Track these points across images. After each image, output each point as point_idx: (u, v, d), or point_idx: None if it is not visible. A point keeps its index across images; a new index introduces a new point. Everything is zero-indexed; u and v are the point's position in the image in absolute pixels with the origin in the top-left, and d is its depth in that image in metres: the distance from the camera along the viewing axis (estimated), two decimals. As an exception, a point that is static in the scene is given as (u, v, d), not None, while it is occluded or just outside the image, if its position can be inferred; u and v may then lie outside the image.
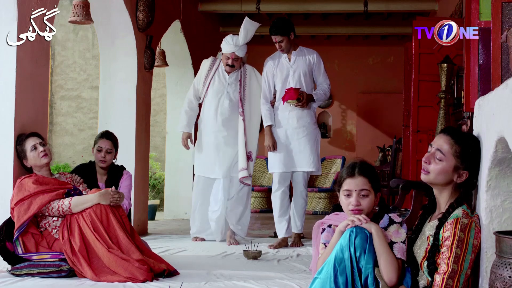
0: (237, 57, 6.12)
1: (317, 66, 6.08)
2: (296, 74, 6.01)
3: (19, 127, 4.38)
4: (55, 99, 11.49)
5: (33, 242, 4.13)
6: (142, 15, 6.81)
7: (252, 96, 6.23)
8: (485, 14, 3.65)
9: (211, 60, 6.32)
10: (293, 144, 5.97)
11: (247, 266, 4.73)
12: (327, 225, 3.13)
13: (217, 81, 6.20)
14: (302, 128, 5.97)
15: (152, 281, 3.95)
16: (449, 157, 2.81)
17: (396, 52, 11.80)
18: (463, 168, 2.81)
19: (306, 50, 6.12)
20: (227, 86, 6.18)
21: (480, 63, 3.44)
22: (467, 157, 2.81)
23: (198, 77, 6.33)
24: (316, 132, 6.08)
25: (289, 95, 5.82)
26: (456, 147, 2.81)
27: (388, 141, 11.26)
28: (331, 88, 6.18)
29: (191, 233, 6.40)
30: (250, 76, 6.26)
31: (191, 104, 6.31)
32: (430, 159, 2.87)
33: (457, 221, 2.68)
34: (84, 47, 11.59)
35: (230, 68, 6.16)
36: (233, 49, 6.08)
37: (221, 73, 6.22)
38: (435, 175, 2.84)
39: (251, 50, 10.84)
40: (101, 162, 5.11)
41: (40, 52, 4.67)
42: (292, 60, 6.05)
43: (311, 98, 5.96)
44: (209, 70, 6.25)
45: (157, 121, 11.29)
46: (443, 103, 6.32)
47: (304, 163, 5.96)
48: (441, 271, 2.65)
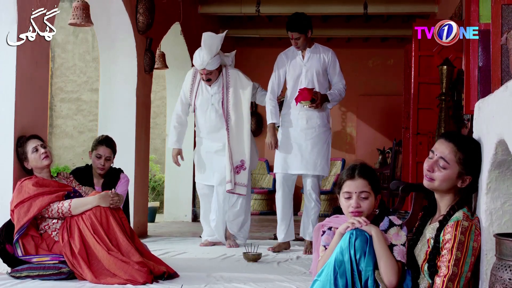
0: (209, 71, 5.96)
1: (332, 65, 5.85)
2: (309, 73, 5.80)
3: (19, 130, 4.37)
4: (55, 101, 11.49)
5: (33, 244, 4.13)
6: (142, 18, 6.81)
7: (238, 101, 6.05)
8: (485, 16, 3.66)
9: (192, 71, 6.21)
10: (301, 145, 5.75)
11: (247, 269, 4.72)
12: (327, 227, 3.13)
13: (201, 93, 6.12)
14: (312, 129, 5.77)
15: (152, 283, 3.94)
16: (453, 165, 2.81)
17: (396, 54, 11.79)
18: (466, 173, 2.81)
19: (321, 48, 5.92)
20: (211, 97, 6.07)
21: (480, 65, 3.44)
22: (470, 163, 2.81)
23: (184, 90, 6.22)
24: (327, 135, 5.86)
25: (302, 96, 5.58)
26: (459, 155, 2.81)
27: (388, 143, 11.26)
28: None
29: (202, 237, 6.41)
30: (234, 81, 6.08)
31: (179, 119, 6.20)
32: (434, 167, 2.85)
33: (457, 224, 2.68)
34: (84, 49, 11.59)
35: (208, 82, 6.05)
36: (203, 65, 5.92)
37: (204, 85, 6.11)
38: (440, 182, 2.84)
39: (250, 53, 10.81)
40: (100, 169, 5.16)
41: (40, 54, 4.67)
42: (306, 58, 5.84)
43: (326, 98, 5.74)
44: (192, 82, 6.16)
45: (157, 124, 11.29)
46: (443, 106, 6.32)
47: (310, 166, 5.73)
48: (442, 274, 2.65)
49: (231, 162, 5.92)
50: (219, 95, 6.06)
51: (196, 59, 5.94)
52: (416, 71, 7.16)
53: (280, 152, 5.85)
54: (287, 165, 5.80)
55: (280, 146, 5.86)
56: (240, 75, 6.14)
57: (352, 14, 10.22)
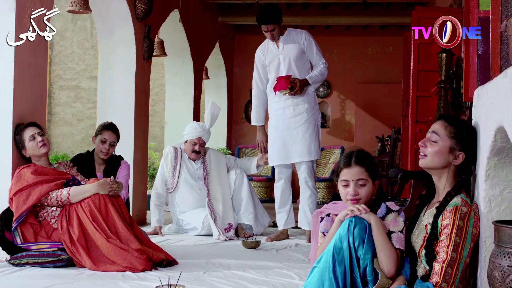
0: (204, 142, 6.16)
1: (308, 46, 5.77)
2: (286, 60, 5.73)
3: (17, 117, 4.37)
4: (54, 89, 11.47)
5: (31, 232, 4.13)
6: (140, 5, 6.78)
7: (219, 175, 6.19)
8: (485, 3, 3.64)
9: (173, 150, 6.26)
10: (291, 134, 5.69)
11: (245, 256, 4.73)
12: (325, 214, 3.13)
13: (186, 172, 6.21)
14: (300, 115, 5.69)
15: (151, 270, 3.95)
16: (444, 138, 2.86)
17: (395, 42, 11.77)
18: (459, 149, 2.84)
19: (294, 32, 5.82)
20: (196, 171, 6.24)
21: (479, 52, 3.43)
22: (461, 138, 2.85)
23: (163, 169, 6.24)
24: (316, 117, 5.77)
25: (279, 84, 5.54)
26: (450, 128, 2.86)
27: (387, 131, 11.27)
28: (329, 76, 5.87)
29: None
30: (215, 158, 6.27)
31: (160, 198, 6.18)
32: (426, 142, 2.91)
33: (456, 209, 2.69)
34: (82, 37, 11.57)
35: (196, 154, 6.17)
36: (201, 134, 6.12)
37: (188, 163, 6.24)
38: (432, 157, 2.88)
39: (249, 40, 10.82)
40: (103, 153, 5.23)
41: (39, 42, 4.65)
42: (280, 46, 5.78)
43: (306, 83, 5.65)
44: (175, 161, 6.21)
45: (155, 111, 11.29)
46: (442, 93, 6.31)
47: (304, 152, 5.66)
48: (440, 259, 2.66)
49: (220, 232, 5.81)
50: (200, 170, 6.23)
51: (195, 128, 6.17)
52: (416, 58, 7.14)
53: (273, 144, 5.80)
54: (282, 155, 5.74)
55: (271, 138, 5.81)
56: (216, 151, 6.43)
57: (351, 1, 10.20)
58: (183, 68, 9.25)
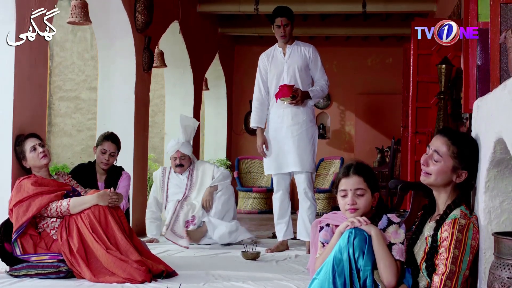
0: (183, 155, 6.32)
1: (313, 60, 5.80)
2: (291, 69, 5.74)
3: (17, 128, 4.37)
4: (54, 100, 11.49)
5: (31, 243, 4.12)
6: (140, 16, 6.80)
7: (201, 183, 6.33)
8: (484, 15, 3.65)
9: (161, 170, 6.56)
10: (288, 143, 5.66)
11: (245, 267, 4.72)
12: (325, 223, 3.13)
13: (173, 185, 6.39)
14: (297, 125, 5.66)
15: (150, 282, 3.95)
16: (446, 158, 2.83)
17: (394, 53, 11.81)
18: (462, 168, 2.82)
19: (302, 44, 5.87)
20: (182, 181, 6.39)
21: (478, 64, 3.44)
22: (464, 157, 2.82)
23: (154, 189, 6.47)
24: (313, 130, 5.75)
25: (282, 92, 5.53)
26: (453, 148, 2.83)
27: (386, 142, 11.28)
28: (329, 87, 5.85)
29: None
30: (202, 168, 6.39)
31: (154, 214, 6.41)
32: (428, 161, 2.88)
33: (454, 221, 2.68)
34: (82, 48, 11.59)
35: (180, 168, 6.34)
36: (177, 147, 6.29)
37: (176, 177, 6.42)
38: (435, 176, 2.85)
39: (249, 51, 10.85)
40: (104, 164, 5.26)
41: (39, 53, 4.66)
42: (287, 55, 5.79)
43: (307, 95, 5.65)
44: (162, 180, 6.45)
45: (155, 122, 11.30)
46: (442, 104, 6.32)
47: (298, 162, 5.62)
48: (439, 272, 2.65)
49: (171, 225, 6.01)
50: (185, 181, 6.39)
51: (171, 144, 6.37)
52: (415, 69, 7.16)
53: (270, 153, 5.78)
54: (280, 164, 5.73)
55: (269, 147, 5.79)
56: (205, 163, 6.55)
57: (351, 12, 10.21)
58: (183, 79, 9.26)
